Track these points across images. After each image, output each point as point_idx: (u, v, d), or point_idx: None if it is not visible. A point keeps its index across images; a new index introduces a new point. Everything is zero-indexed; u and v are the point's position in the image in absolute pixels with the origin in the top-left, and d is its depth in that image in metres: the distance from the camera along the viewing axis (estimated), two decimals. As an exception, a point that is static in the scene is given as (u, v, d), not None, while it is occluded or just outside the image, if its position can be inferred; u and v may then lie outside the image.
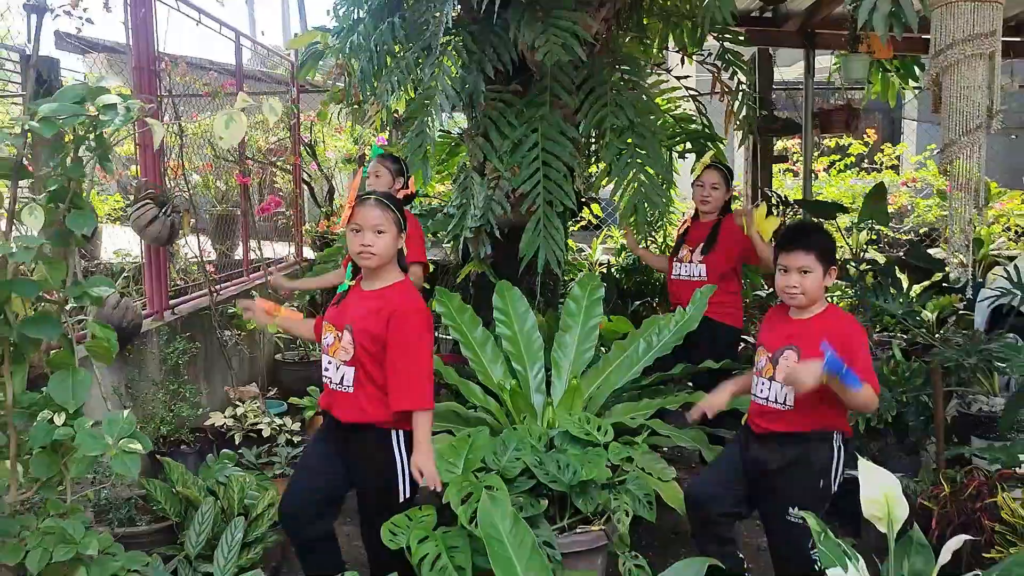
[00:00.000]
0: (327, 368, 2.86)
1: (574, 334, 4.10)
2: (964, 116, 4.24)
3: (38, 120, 1.72)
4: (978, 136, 4.25)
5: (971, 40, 4.16)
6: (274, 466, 4.27)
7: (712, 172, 4.37)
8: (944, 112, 4.44)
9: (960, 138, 4.29)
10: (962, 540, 2.18)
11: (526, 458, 2.81)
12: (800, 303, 2.91)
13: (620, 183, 4.60)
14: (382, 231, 2.78)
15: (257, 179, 7.11)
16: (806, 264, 2.86)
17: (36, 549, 2.02)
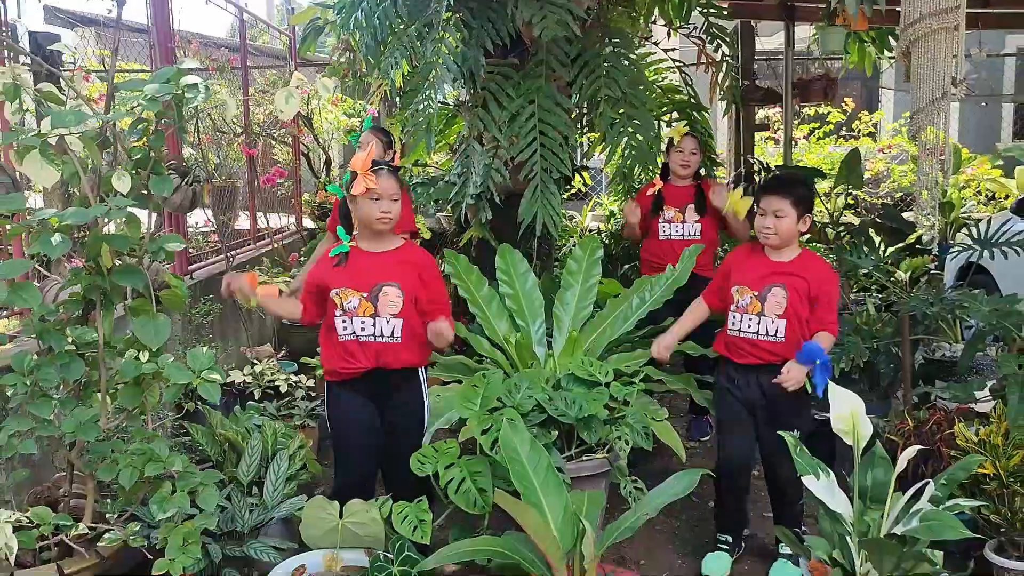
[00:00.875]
0: (363, 328, 3.13)
1: (574, 292, 4.48)
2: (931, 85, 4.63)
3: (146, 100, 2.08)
4: (944, 104, 4.63)
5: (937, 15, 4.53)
6: (294, 418, 4.64)
7: (691, 139, 4.75)
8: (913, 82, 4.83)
9: (927, 106, 4.68)
10: (915, 450, 2.60)
11: (537, 395, 3.20)
12: (773, 243, 3.36)
13: (614, 150, 4.98)
14: (396, 199, 3.14)
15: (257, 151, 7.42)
16: (781, 208, 3.30)
17: (127, 468, 2.38)
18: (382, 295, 3.13)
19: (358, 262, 3.20)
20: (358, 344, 3.17)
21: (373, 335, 3.15)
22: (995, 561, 3.28)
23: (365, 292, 3.15)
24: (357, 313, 3.15)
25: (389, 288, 3.14)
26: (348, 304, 3.15)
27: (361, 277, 3.17)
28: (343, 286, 3.17)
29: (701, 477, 2.68)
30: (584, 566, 2.54)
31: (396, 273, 3.16)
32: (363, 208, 3.14)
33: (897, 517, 2.61)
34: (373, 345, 3.16)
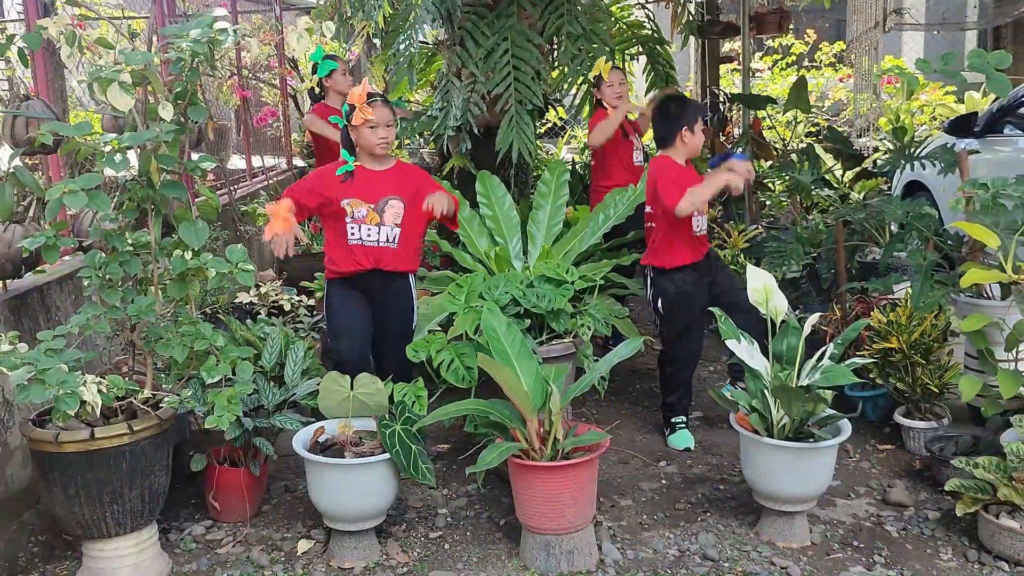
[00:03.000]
0: (368, 234, 3.72)
1: (545, 211, 5.10)
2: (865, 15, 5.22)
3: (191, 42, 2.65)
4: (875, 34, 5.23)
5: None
6: (299, 331, 5.26)
7: (617, 72, 5.31)
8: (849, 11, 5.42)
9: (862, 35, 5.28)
10: (817, 316, 3.24)
11: (513, 292, 3.84)
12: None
13: (573, 83, 5.55)
14: (391, 124, 3.73)
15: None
16: (702, 128, 4.07)
17: (179, 345, 3.00)
18: (388, 207, 3.74)
19: (364, 178, 3.77)
20: (363, 248, 3.75)
21: (377, 240, 3.74)
22: (903, 423, 3.98)
23: (373, 203, 3.74)
24: (365, 221, 3.74)
25: (394, 201, 3.75)
26: (358, 213, 3.74)
27: (369, 191, 3.75)
28: (353, 197, 3.74)
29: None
30: (552, 419, 3.20)
31: (399, 188, 3.77)
32: (363, 136, 3.71)
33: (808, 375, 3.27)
34: (375, 249, 3.75)
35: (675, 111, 4.01)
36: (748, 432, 3.26)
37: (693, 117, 3.98)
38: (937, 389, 3.86)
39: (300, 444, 3.31)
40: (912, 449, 4.00)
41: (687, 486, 3.82)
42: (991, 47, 8.56)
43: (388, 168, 3.82)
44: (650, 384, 5.02)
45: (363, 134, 3.71)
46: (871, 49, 4.91)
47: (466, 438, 3.88)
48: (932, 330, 3.88)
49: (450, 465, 4.02)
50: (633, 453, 4.13)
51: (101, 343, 3.58)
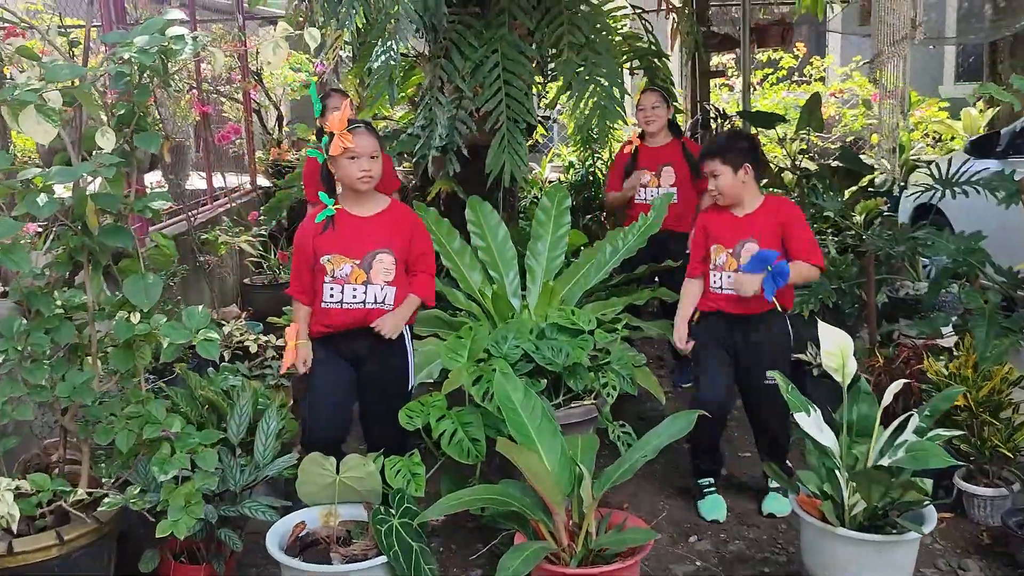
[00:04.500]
0: (354, 296, 3.08)
1: (545, 242, 4.50)
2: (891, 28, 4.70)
3: (136, 52, 2.01)
4: (903, 46, 4.72)
5: (898, -43, 4.59)
6: (266, 378, 4.60)
7: (650, 94, 4.75)
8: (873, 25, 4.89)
9: (887, 48, 4.76)
10: (901, 383, 2.68)
11: (524, 346, 3.23)
12: (722, 202, 3.44)
13: (579, 99, 4.96)
14: (376, 156, 3.11)
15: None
16: (713, 168, 3.38)
17: (124, 431, 2.36)
18: (376, 262, 3.10)
19: (348, 227, 3.14)
20: (341, 311, 3.13)
21: (364, 302, 3.11)
22: (966, 488, 3.43)
23: (358, 259, 3.10)
24: (349, 280, 3.10)
25: (384, 255, 3.11)
26: (340, 272, 3.10)
27: (353, 243, 3.11)
28: (334, 252, 3.11)
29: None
30: (583, 510, 2.60)
31: (389, 239, 3.13)
32: (343, 168, 3.08)
33: (882, 449, 2.71)
34: (361, 311, 3.12)
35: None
36: (816, 520, 2.69)
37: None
38: (1009, 452, 3.32)
39: (276, 542, 2.68)
40: (976, 518, 3.46)
41: (726, 569, 3.23)
42: (987, 61, 8.15)
43: (378, 212, 3.18)
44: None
45: (343, 166, 3.08)
46: (898, 63, 4.36)
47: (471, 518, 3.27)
48: (1002, 385, 3.35)
49: (448, 545, 3.40)
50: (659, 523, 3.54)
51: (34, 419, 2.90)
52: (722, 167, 3.31)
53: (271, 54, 2.31)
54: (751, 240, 3.37)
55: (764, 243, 3.32)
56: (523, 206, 7.02)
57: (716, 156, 3.33)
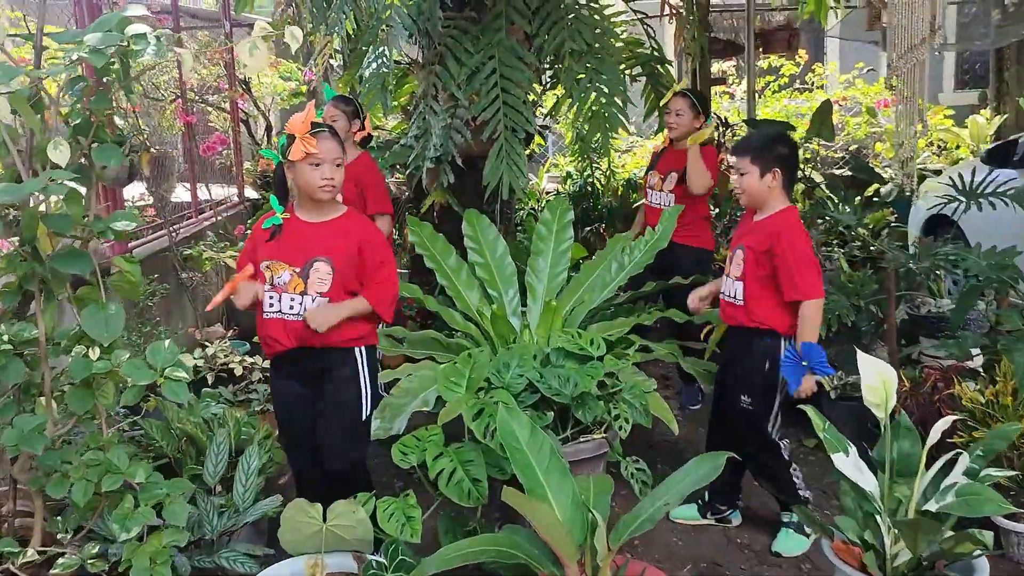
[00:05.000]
0: (291, 306, 2.83)
1: (546, 258, 4.23)
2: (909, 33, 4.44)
3: (88, 52, 1.73)
4: (921, 51, 4.46)
5: (916, -43, 4.33)
6: (252, 403, 4.32)
7: (677, 99, 4.47)
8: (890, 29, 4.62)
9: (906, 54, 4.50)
10: (949, 421, 2.40)
11: (529, 374, 2.95)
12: (744, 203, 3.20)
13: (580, 107, 4.70)
14: (339, 163, 2.84)
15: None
16: (741, 166, 3.11)
17: (81, 482, 2.07)
18: (313, 271, 2.83)
19: (293, 233, 2.88)
20: (283, 324, 2.86)
21: (300, 315, 2.83)
22: (1005, 525, 3.16)
23: (298, 267, 2.84)
24: (287, 289, 2.84)
25: (320, 264, 2.83)
26: (278, 279, 2.85)
27: (295, 250, 2.86)
28: (274, 258, 2.86)
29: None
30: (597, 562, 2.31)
31: (331, 246, 2.85)
32: (303, 175, 2.81)
33: (926, 491, 2.43)
34: (298, 325, 2.84)
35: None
36: (855, 572, 2.41)
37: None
38: (1054, 488, 3.06)
39: (256, 601, 2.39)
40: (1016, 557, 3.18)
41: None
42: (993, 68, 7.92)
43: (330, 219, 2.91)
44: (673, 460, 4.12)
45: (303, 173, 2.80)
46: (916, 70, 4.11)
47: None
48: (1045, 414, 3.08)
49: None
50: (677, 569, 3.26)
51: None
52: (750, 166, 3.05)
53: (248, 56, 2.03)
54: (740, 248, 3.13)
55: (749, 256, 3.08)
56: (520, 218, 6.75)
57: (747, 153, 3.06)
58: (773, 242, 3.01)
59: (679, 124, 4.44)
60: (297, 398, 2.96)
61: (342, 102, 4.53)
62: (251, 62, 2.03)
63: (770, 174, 3.03)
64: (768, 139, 3.13)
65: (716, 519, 3.37)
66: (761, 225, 3.09)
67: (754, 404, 3.09)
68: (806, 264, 2.98)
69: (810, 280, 2.98)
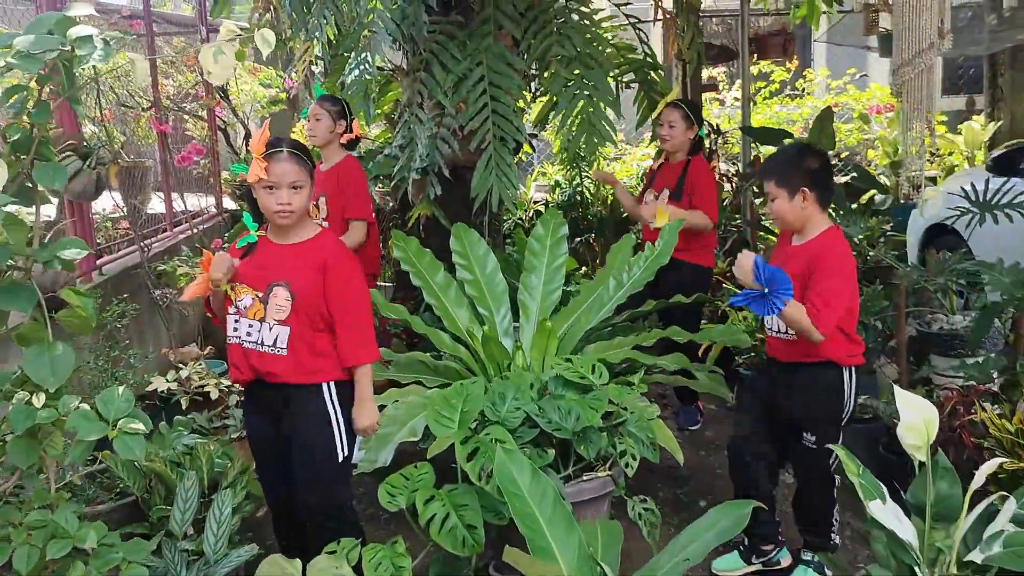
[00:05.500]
0: (249, 333, 2.63)
1: (539, 275, 3.98)
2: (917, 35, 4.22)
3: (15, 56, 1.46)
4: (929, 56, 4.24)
5: (924, -43, 4.12)
6: (228, 430, 4.04)
7: (670, 110, 4.24)
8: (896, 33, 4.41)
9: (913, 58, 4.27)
10: (995, 464, 2.17)
11: (527, 407, 2.69)
12: (779, 227, 2.98)
13: (567, 116, 4.45)
14: (299, 187, 2.58)
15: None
16: (769, 191, 2.89)
17: (24, 547, 1.79)
18: (272, 296, 2.61)
19: (261, 254, 2.68)
20: (242, 352, 2.66)
21: (257, 342, 2.62)
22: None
23: (260, 291, 2.62)
24: (247, 314, 2.63)
25: (279, 289, 2.61)
26: (240, 302, 2.65)
27: (258, 273, 2.64)
28: (239, 280, 2.66)
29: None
30: (608, 623, 2.07)
31: (292, 271, 2.61)
32: (260, 199, 2.61)
33: (966, 539, 2.20)
34: (254, 354, 2.63)
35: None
36: (892, 629, 2.17)
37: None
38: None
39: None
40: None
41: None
42: (987, 74, 7.75)
43: (298, 242, 2.67)
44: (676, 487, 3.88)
45: (260, 196, 2.60)
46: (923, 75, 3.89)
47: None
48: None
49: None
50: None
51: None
52: (777, 189, 2.81)
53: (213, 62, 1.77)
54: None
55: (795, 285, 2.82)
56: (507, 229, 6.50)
57: (771, 177, 2.82)
58: (813, 266, 2.76)
59: (672, 136, 4.22)
60: (265, 435, 2.74)
61: (328, 101, 4.30)
62: (216, 69, 1.76)
63: (799, 194, 2.79)
64: (790, 157, 2.89)
65: (763, 563, 3.09)
66: (801, 250, 2.84)
67: (819, 442, 2.85)
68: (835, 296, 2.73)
69: (830, 318, 2.71)
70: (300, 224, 2.66)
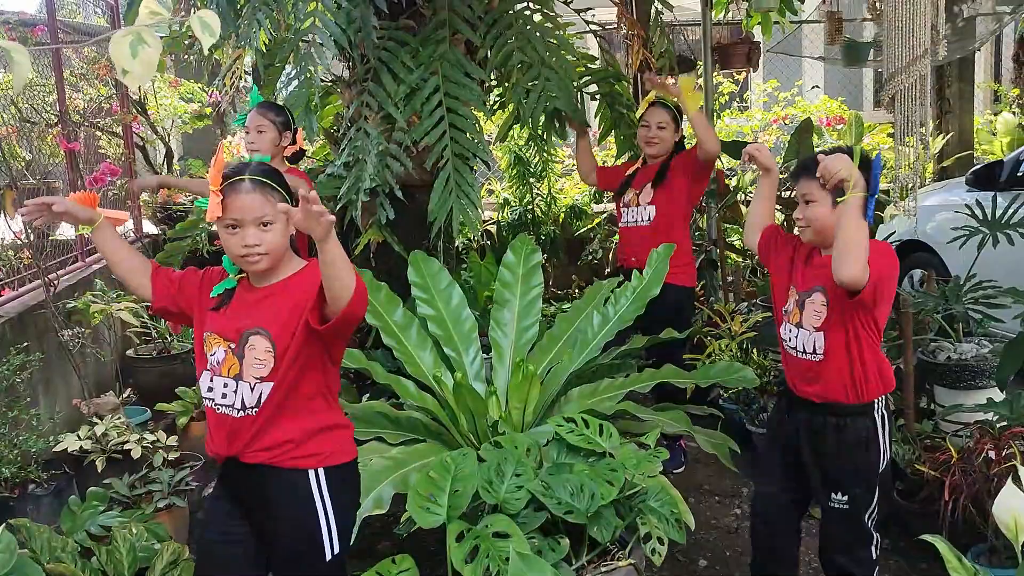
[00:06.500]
0: (224, 394, 2.05)
1: (512, 308, 3.47)
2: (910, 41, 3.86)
3: None
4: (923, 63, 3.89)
5: (917, -42, 3.79)
6: (154, 496, 3.41)
7: (659, 110, 3.78)
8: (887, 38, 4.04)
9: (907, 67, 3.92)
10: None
11: (530, 485, 2.16)
12: (809, 239, 2.45)
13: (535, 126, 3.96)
14: (268, 223, 2.02)
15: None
16: (807, 192, 2.39)
17: None
18: (248, 348, 2.04)
19: (237, 298, 2.12)
20: (216, 419, 2.09)
21: (233, 406, 2.04)
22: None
23: (233, 342, 2.05)
24: (220, 371, 2.06)
25: (256, 338, 2.04)
26: (212, 356, 2.08)
27: (230, 320, 2.08)
28: (211, 330, 2.10)
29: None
30: None
31: (270, 314, 2.04)
32: (223, 239, 2.04)
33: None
34: (229, 421, 2.05)
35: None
36: None
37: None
38: None
39: None
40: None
41: None
42: (934, 86, 7.55)
43: (277, 281, 2.09)
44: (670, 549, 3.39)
45: (222, 238, 2.04)
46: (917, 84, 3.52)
47: None
48: None
49: None
50: None
51: None
52: (820, 192, 2.34)
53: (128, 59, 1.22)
54: (819, 290, 2.43)
55: (833, 299, 2.38)
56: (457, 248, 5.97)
57: (815, 176, 2.36)
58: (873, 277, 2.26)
59: (662, 139, 3.76)
60: (231, 533, 2.12)
61: (271, 110, 3.70)
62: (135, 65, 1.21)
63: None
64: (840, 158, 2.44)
65: None
66: None
67: (851, 502, 2.40)
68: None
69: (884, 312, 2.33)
70: (283, 264, 2.09)
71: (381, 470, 2.79)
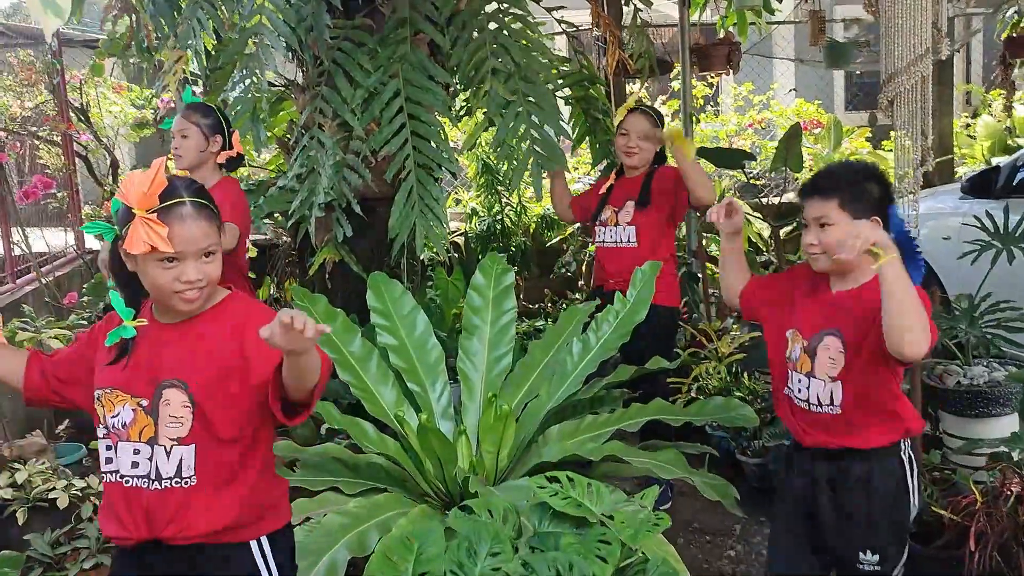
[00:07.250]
0: (135, 463, 1.65)
1: (483, 337, 3.10)
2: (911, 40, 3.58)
3: None
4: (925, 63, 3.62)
5: (918, -50, 3.55)
6: (80, 554, 3.00)
7: (639, 118, 3.42)
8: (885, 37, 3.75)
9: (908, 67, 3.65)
10: None
11: (508, 567, 1.79)
12: (822, 267, 2.09)
13: (508, 141, 3.58)
14: (212, 251, 1.65)
15: (13, 154, 5.51)
16: (823, 214, 2.03)
17: None
18: (163, 404, 1.65)
19: (143, 344, 1.70)
20: (123, 494, 1.68)
21: (148, 476, 1.65)
22: None
23: (144, 398, 1.66)
24: (129, 435, 1.65)
25: (171, 391, 1.65)
26: (114, 418, 1.67)
27: (139, 370, 1.68)
28: (111, 386, 1.68)
29: None
30: None
31: (189, 362, 1.67)
32: (148, 274, 1.63)
33: None
34: (145, 495, 1.66)
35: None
36: None
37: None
38: None
39: None
40: None
41: None
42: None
43: (195, 316, 1.70)
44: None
45: (148, 271, 1.62)
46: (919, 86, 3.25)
47: None
48: None
49: None
50: None
51: None
52: (839, 214, 1.99)
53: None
54: (833, 332, 2.07)
55: (849, 336, 2.04)
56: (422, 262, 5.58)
57: (832, 196, 1.98)
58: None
59: (644, 149, 3.41)
60: None
61: (197, 112, 3.30)
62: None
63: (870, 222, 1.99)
64: (860, 176, 2.08)
65: None
66: (855, 297, 2.04)
67: (883, 562, 2.08)
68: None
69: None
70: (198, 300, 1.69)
71: (337, 529, 2.43)
